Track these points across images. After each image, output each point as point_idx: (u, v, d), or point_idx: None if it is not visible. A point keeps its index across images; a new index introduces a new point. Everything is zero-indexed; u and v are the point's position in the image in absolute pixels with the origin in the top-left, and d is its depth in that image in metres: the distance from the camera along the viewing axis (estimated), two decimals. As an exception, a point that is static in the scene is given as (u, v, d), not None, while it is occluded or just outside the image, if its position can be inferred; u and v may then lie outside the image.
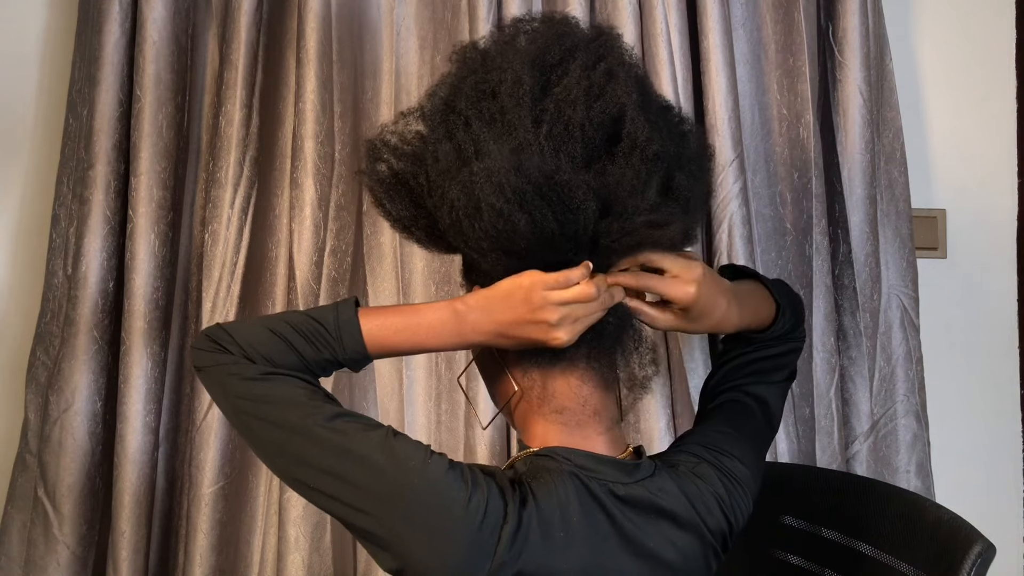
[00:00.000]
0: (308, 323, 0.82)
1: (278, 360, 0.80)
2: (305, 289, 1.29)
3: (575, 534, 0.78)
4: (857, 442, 1.41)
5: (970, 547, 0.87)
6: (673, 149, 0.87)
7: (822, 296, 1.39)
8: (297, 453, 0.78)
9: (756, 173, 1.42)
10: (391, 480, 0.75)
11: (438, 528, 0.75)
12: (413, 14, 1.41)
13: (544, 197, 0.80)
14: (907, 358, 1.45)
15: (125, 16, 1.33)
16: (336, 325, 0.82)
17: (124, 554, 1.26)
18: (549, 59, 0.86)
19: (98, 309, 1.30)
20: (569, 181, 0.81)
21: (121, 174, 1.32)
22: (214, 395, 0.83)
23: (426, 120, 0.90)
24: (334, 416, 0.78)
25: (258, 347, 0.80)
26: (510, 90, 0.84)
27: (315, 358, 0.82)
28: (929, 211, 1.58)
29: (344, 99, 1.35)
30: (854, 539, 1.04)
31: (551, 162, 0.82)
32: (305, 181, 1.29)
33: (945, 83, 1.60)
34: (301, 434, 0.77)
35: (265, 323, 0.82)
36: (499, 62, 0.87)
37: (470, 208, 0.81)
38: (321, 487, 0.77)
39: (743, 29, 1.44)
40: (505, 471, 0.83)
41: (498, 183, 0.80)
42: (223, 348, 0.81)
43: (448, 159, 0.84)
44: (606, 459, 0.85)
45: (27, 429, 1.33)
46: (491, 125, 0.85)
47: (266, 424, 0.79)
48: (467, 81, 0.88)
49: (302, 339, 0.81)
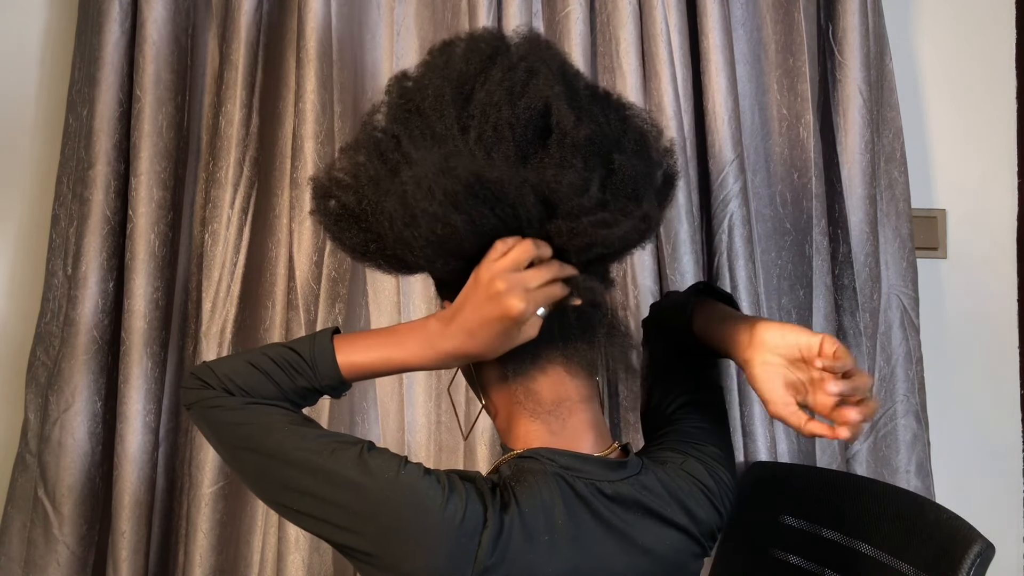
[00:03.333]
0: (285, 353, 0.84)
1: (258, 391, 0.82)
2: (305, 289, 1.29)
3: (561, 537, 0.78)
4: (857, 442, 1.41)
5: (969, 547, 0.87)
6: (611, 133, 0.86)
7: (822, 296, 1.39)
8: (278, 478, 0.79)
9: (756, 173, 1.42)
10: (368, 495, 0.76)
11: (416, 536, 0.75)
12: (413, 14, 1.41)
13: (477, 196, 0.80)
14: (907, 358, 1.45)
15: (125, 16, 1.33)
16: (311, 353, 0.84)
17: (124, 554, 1.26)
18: (470, 69, 0.86)
19: (98, 309, 1.30)
20: (500, 177, 0.80)
21: (121, 174, 1.32)
22: (202, 430, 0.84)
23: (361, 149, 0.90)
24: (311, 438, 0.79)
25: (237, 379, 0.82)
26: (432, 103, 0.85)
27: (293, 387, 0.83)
28: (929, 211, 1.58)
29: (344, 99, 1.35)
30: (854, 539, 1.04)
31: (481, 162, 0.82)
32: (305, 181, 1.29)
33: (945, 83, 1.60)
34: (279, 458, 0.79)
35: (245, 357, 0.84)
36: (423, 82, 0.88)
37: (407, 217, 0.81)
38: (304, 509, 0.78)
39: (743, 29, 1.44)
40: (489, 476, 0.83)
41: (427, 187, 0.80)
42: (206, 384, 0.83)
43: (381, 176, 0.85)
44: (591, 458, 0.85)
45: (27, 429, 1.33)
46: (420, 140, 0.85)
47: (247, 452, 0.81)
48: (395, 105, 0.89)
49: (279, 370, 0.83)
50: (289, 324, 1.29)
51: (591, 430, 0.88)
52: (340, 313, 1.32)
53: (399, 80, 0.91)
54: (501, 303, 0.80)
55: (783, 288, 1.42)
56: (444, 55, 0.89)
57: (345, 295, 1.33)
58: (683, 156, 1.32)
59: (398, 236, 0.83)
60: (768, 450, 1.30)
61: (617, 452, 0.89)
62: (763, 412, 1.31)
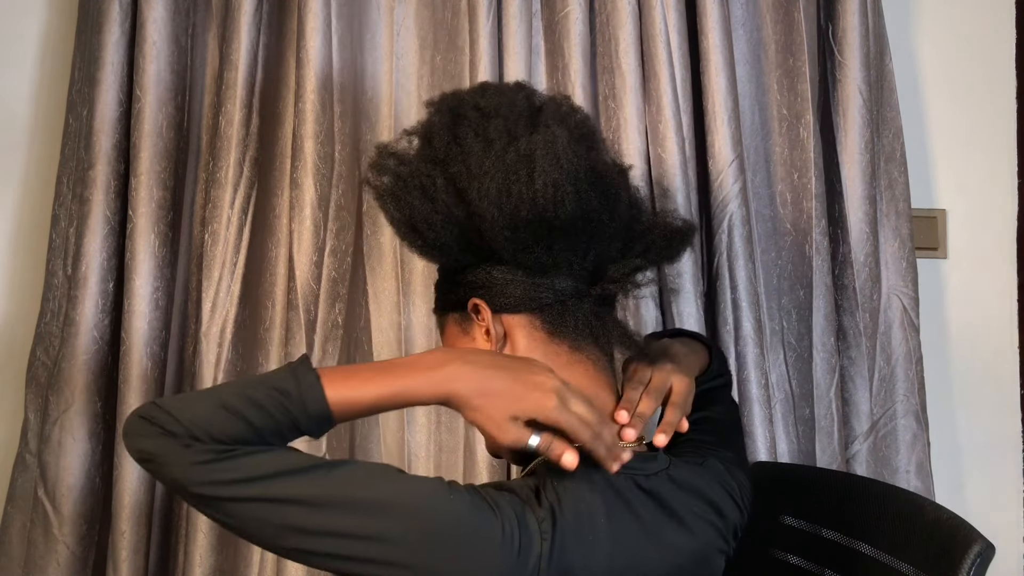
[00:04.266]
0: (266, 392, 0.74)
1: (232, 437, 0.72)
2: (305, 289, 1.29)
3: (602, 534, 0.78)
4: (857, 442, 1.41)
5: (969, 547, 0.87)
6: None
7: (822, 296, 1.39)
8: (298, 524, 0.71)
9: (756, 173, 1.42)
10: (414, 525, 0.71)
11: (477, 566, 0.71)
12: (413, 14, 1.41)
13: (589, 181, 0.86)
14: (907, 358, 1.45)
15: (125, 16, 1.33)
16: (298, 391, 0.74)
17: (124, 554, 1.26)
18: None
19: (98, 309, 1.30)
20: (610, 176, 0.90)
21: (121, 174, 1.32)
22: (172, 486, 0.74)
23: (428, 132, 0.93)
24: (324, 472, 0.72)
25: (207, 426, 0.72)
26: (507, 111, 0.90)
27: (274, 429, 0.74)
28: (929, 211, 1.58)
29: (344, 99, 1.35)
30: (854, 539, 1.04)
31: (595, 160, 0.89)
32: (305, 181, 1.29)
33: (945, 83, 1.60)
34: (297, 503, 0.71)
35: (211, 399, 0.74)
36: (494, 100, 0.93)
37: (523, 174, 0.84)
38: (334, 550, 0.71)
39: (743, 29, 1.44)
40: (526, 479, 0.81)
41: (555, 154, 0.84)
42: (166, 431, 0.72)
43: (481, 144, 0.88)
44: (628, 450, 0.85)
45: (27, 429, 1.33)
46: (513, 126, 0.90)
47: (251, 504, 0.71)
48: (465, 112, 0.93)
49: (259, 411, 0.73)
50: (289, 324, 1.29)
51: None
52: (340, 313, 1.32)
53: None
54: (542, 399, 0.78)
55: (783, 288, 1.42)
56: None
57: (345, 295, 1.33)
58: (682, 156, 1.32)
59: (502, 188, 0.85)
60: (768, 450, 1.30)
61: (645, 448, 0.89)
62: (763, 412, 1.31)
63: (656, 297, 1.33)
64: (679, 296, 1.31)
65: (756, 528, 1.14)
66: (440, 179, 0.89)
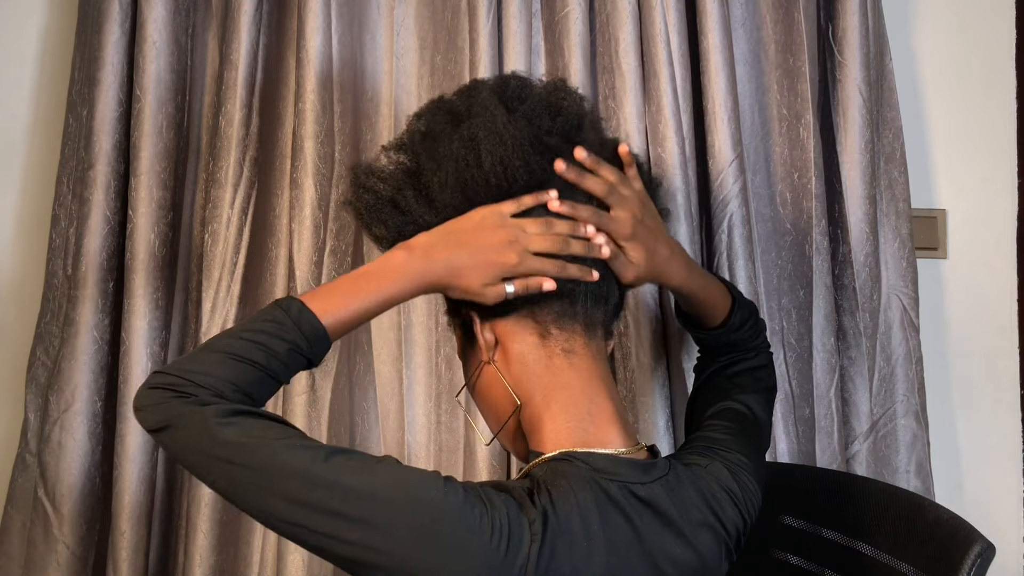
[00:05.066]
0: (261, 329, 0.78)
1: (246, 382, 0.76)
2: (305, 289, 1.29)
3: (596, 541, 0.77)
4: (857, 442, 1.41)
5: (969, 547, 0.87)
6: None
7: (822, 296, 1.39)
8: (291, 495, 0.71)
9: (756, 173, 1.42)
10: (401, 515, 0.71)
11: (461, 561, 0.71)
12: (413, 14, 1.41)
13: (536, 151, 0.88)
14: (907, 358, 1.45)
15: (125, 16, 1.33)
16: (289, 319, 0.79)
17: (124, 554, 1.26)
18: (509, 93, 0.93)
19: (98, 309, 1.30)
20: (557, 144, 0.89)
21: (121, 174, 1.32)
22: (187, 450, 0.74)
23: (406, 146, 0.95)
24: (326, 453, 0.73)
25: (219, 378, 0.75)
26: (478, 109, 0.90)
27: (280, 364, 0.78)
28: (929, 211, 1.58)
29: (344, 99, 1.35)
30: (854, 539, 1.04)
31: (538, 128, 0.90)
32: (305, 181, 1.29)
33: (945, 83, 1.60)
34: (295, 475, 0.71)
35: (212, 352, 0.77)
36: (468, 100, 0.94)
37: (472, 158, 0.86)
38: (322, 528, 0.71)
39: (743, 29, 1.44)
40: (520, 481, 0.81)
41: (496, 132, 0.86)
42: (180, 393, 0.74)
43: (441, 132, 0.91)
44: (624, 460, 0.84)
45: (27, 429, 1.33)
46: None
47: (253, 471, 0.72)
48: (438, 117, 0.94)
49: (262, 349, 0.77)
50: (289, 324, 1.29)
51: (618, 421, 0.88)
52: (340, 313, 1.32)
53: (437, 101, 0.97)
54: (500, 253, 0.84)
55: (783, 288, 1.42)
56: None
57: (345, 295, 1.33)
58: (682, 156, 1.32)
59: (458, 177, 0.87)
60: (768, 450, 1.30)
61: (644, 452, 0.89)
62: (763, 412, 1.31)
63: (656, 297, 1.33)
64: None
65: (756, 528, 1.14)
66: (410, 190, 0.91)
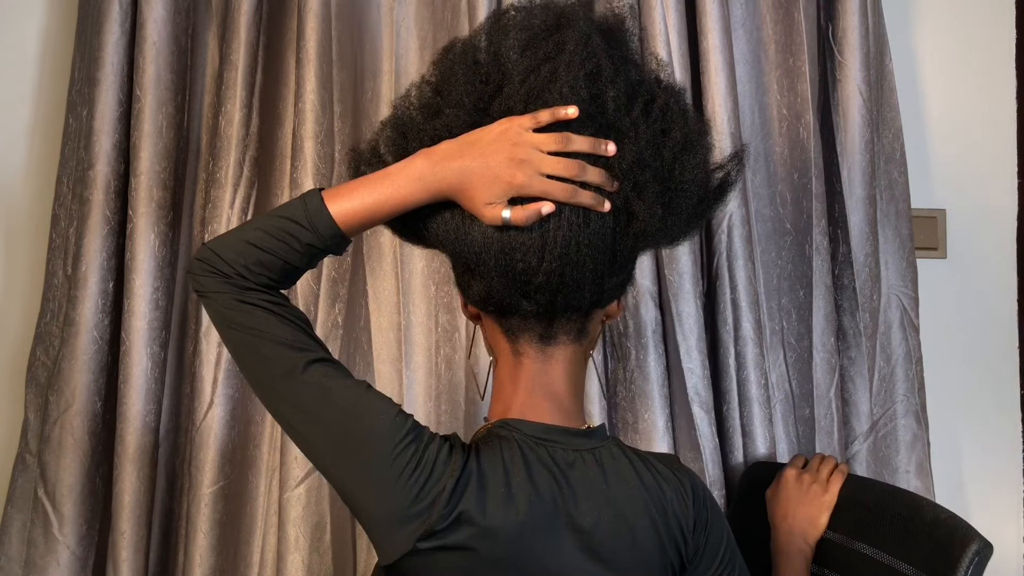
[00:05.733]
0: (281, 224, 0.84)
1: (268, 267, 0.83)
2: (305, 289, 1.29)
3: (519, 494, 0.82)
4: (857, 442, 1.41)
5: (967, 546, 0.87)
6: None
7: (822, 296, 1.39)
8: (268, 383, 0.82)
9: (756, 173, 1.42)
10: (340, 423, 0.80)
11: (376, 483, 0.79)
12: (413, 14, 1.41)
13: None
14: (907, 358, 1.45)
15: (125, 16, 1.33)
16: (307, 216, 0.84)
17: (124, 554, 1.26)
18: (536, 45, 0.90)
19: (98, 309, 1.30)
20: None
21: (121, 174, 1.32)
22: (213, 321, 0.86)
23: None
24: (308, 354, 0.82)
25: (245, 261, 0.83)
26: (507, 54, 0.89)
27: (297, 256, 0.84)
28: (929, 211, 1.59)
29: (344, 99, 1.35)
30: (853, 539, 1.04)
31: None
32: (305, 181, 1.29)
33: (945, 83, 1.60)
34: (274, 364, 0.82)
35: (243, 236, 0.84)
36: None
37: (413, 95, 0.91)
38: (285, 414, 0.82)
39: (743, 29, 1.44)
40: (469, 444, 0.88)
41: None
42: (215, 269, 0.83)
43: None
44: (557, 428, 0.88)
45: (27, 429, 1.33)
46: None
47: (248, 349, 0.83)
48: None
49: (280, 243, 0.83)
50: (289, 324, 1.29)
51: (568, 405, 0.91)
52: (340, 313, 1.32)
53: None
54: (512, 168, 0.82)
55: (783, 288, 1.42)
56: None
57: (345, 295, 1.33)
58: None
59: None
60: (768, 450, 1.30)
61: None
62: (763, 412, 1.31)
63: (656, 297, 1.33)
64: (679, 296, 1.31)
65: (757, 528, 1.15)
66: (435, 96, 0.92)
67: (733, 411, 1.32)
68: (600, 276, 0.86)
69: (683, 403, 1.31)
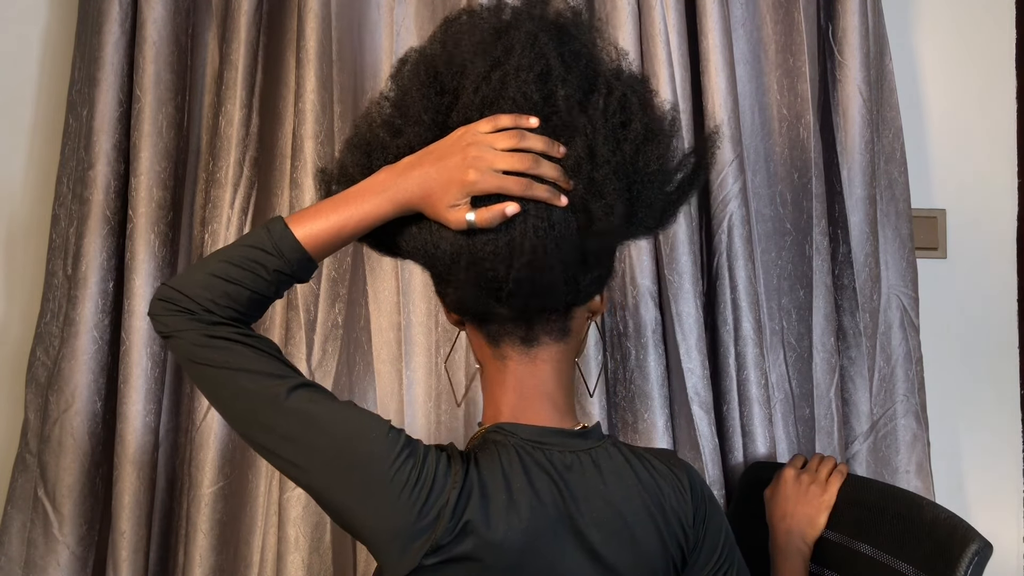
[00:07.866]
0: (246, 253, 0.83)
1: (236, 300, 0.82)
2: (305, 289, 1.29)
3: (519, 500, 0.82)
4: (857, 442, 1.41)
5: (967, 546, 0.87)
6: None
7: (822, 296, 1.39)
8: (253, 418, 0.81)
9: (756, 173, 1.42)
10: (331, 447, 0.79)
11: (374, 506, 0.78)
12: (413, 14, 1.41)
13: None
14: (907, 358, 1.45)
15: (125, 16, 1.33)
16: (272, 243, 0.83)
17: (124, 554, 1.26)
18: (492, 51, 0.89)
19: (98, 309, 1.30)
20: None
21: (121, 174, 1.32)
22: (181, 362, 0.84)
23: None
24: (287, 381, 0.81)
25: (211, 296, 0.82)
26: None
27: (266, 285, 0.84)
28: (929, 211, 1.58)
29: (344, 99, 1.35)
30: (853, 539, 1.04)
31: None
32: (305, 181, 1.29)
33: (945, 83, 1.60)
34: (256, 399, 0.80)
35: (206, 270, 0.83)
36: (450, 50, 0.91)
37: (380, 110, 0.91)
38: (268, 445, 0.81)
39: (743, 29, 1.44)
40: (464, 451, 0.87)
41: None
42: (179, 308, 0.82)
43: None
44: (552, 430, 0.88)
45: (27, 429, 1.33)
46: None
47: (226, 388, 0.81)
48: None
49: (246, 272, 0.82)
50: (289, 324, 1.29)
51: (561, 406, 0.91)
52: (340, 313, 1.32)
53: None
54: (463, 169, 0.82)
55: (783, 288, 1.42)
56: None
57: (345, 295, 1.33)
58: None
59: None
60: (768, 450, 1.30)
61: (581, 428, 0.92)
62: (763, 412, 1.31)
63: (655, 297, 1.33)
64: (678, 296, 1.31)
65: (756, 528, 1.15)
66: (395, 114, 0.92)
67: (733, 411, 1.32)
68: (572, 276, 0.86)
69: (683, 403, 1.31)
